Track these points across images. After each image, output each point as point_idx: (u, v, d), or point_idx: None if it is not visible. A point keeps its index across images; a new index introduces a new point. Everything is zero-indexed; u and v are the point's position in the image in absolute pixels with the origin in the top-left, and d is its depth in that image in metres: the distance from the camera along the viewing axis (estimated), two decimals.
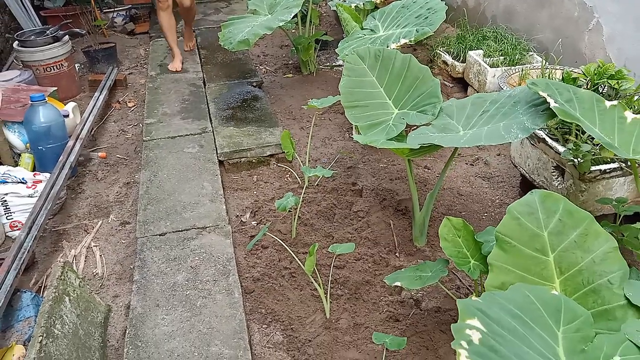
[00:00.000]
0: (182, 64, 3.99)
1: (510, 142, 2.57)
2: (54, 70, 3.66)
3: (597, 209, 2.11)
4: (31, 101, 2.72)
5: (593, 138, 1.98)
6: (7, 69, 3.88)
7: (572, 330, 1.07)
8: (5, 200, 2.41)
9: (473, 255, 1.68)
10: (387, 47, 2.63)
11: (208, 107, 3.40)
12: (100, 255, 2.34)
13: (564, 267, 1.26)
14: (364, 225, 2.43)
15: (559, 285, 1.25)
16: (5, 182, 2.45)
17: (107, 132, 3.40)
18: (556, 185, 2.19)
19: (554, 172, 2.20)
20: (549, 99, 1.60)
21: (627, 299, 1.18)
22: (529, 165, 2.38)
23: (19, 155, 2.86)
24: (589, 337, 1.07)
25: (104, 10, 5.07)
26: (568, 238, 1.27)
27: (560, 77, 2.38)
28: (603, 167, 2.03)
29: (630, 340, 1.04)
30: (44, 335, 1.60)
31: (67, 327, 1.73)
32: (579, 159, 1.98)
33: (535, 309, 1.09)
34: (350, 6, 3.35)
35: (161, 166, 2.78)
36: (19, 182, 2.48)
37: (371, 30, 2.95)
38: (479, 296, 1.13)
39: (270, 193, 2.70)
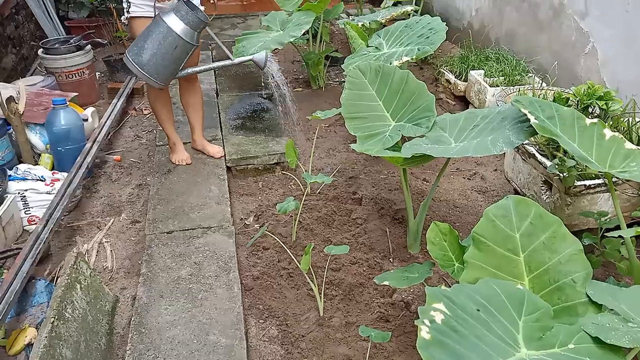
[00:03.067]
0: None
1: (505, 158, 2.69)
2: (75, 77, 3.86)
3: (583, 222, 2.21)
4: (53, 105, 2.90)
5: None
6: (32, 75, 4.10)
7: (532, 320, 1.18)
8: (25, 196, 2.56)
9: (457, 258, 1.78)
10: (390, 64, 2.77)
11: (219, 116, 3.55)
12: (111, 251, 2.48)
13: (533, 266, 1.37)
14: (361, 231, 2.55)
15: (528, 283, 1.35)
16: (25, 179, 2.62)
17: (122, 137, 3.57)
18: (544, 199, 2.30)
19: (542, 186, 2.30)
20: (529, 116, 1.72)
21: (588, 296, 1.29)
22: (520, 180, 2.49)
23: (39, 155, 3.03)
24: (547, 327, 1.17)
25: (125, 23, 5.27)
26: (538, 240, 1.38)
27: (552, 98, 2.49)
28: (588, 182, 2.13)
29: (585, 331, 1.15)
30: (56, 317, 1.74)
31: (77, 312, 1.86)
32: (564, 174, 2.09)
33: (500, 300, 1.20)
34: (358, 25, 3.50)
35: (172, 170, 2.93)
36: (38, 180, 2.64)
37: (376, 47, 3.10)
38: None
39: (274, 199, 2.83)
